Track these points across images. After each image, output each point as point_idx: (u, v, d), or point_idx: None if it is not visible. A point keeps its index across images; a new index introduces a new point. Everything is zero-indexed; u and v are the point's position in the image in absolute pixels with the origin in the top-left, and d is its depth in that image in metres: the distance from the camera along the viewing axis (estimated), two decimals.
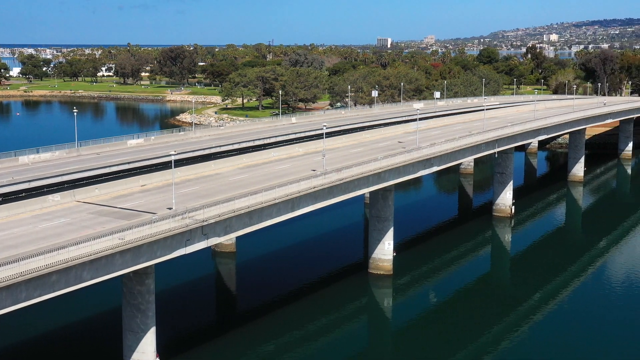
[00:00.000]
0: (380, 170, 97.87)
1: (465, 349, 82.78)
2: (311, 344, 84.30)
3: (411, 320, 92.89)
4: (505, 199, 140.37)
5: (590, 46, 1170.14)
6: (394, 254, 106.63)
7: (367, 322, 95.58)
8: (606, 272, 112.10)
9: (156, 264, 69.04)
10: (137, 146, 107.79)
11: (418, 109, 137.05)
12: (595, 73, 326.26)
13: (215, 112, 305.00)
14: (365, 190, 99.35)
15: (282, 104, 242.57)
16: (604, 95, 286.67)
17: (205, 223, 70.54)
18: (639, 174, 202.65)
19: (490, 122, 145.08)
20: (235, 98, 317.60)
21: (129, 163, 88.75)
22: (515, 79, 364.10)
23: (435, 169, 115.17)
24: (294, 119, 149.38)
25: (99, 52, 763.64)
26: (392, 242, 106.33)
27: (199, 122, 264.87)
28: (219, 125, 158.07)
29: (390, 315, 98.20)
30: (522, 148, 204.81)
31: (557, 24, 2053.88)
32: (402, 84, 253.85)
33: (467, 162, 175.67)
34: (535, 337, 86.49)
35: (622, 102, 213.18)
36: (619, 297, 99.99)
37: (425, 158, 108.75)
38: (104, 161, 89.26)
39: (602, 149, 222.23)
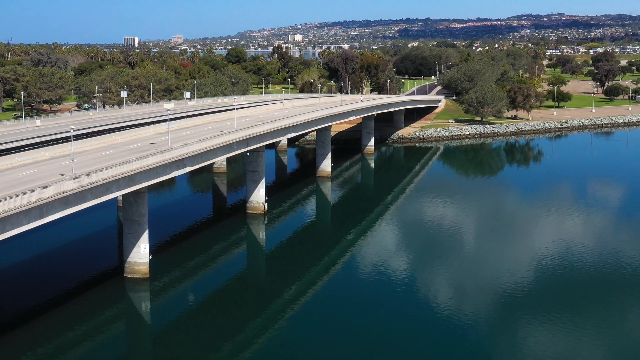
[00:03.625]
0: (132, 173, 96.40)
1: (223, 347, 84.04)
2: (68, 354, 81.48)
3: (169, 322, 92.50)
4: (259, 197, 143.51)
5: (332, 46, 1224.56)
6: (150, 256, 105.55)
7: (125, 327, 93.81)
8: (355, 261, 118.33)
9: None
10: None
11: (169, 109, 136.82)
12: (338, 72, 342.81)
13: None
14: (118, 193, 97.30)
15: (25, 106, 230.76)
16: (347, 93, 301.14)
17: None
18: (381, 168, 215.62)
19: (241, 121, 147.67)
20: None
21: None
22: (263, 78, 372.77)
23: (188, 169, 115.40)
24: (38, 122, 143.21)
25: None
26: (147, 245, 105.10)
27: None
28: None
29: (148, 318, 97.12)
30: (272, 146, 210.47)
31: (301, 24, 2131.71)
32: (151, 84, 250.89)
33: (220, 161, 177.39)
34: (293, 329, 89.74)
35: (369, 99, 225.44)
36: (368, 283, 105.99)
37: (178, 158, 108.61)
38: None
39: (347, 145, 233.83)
